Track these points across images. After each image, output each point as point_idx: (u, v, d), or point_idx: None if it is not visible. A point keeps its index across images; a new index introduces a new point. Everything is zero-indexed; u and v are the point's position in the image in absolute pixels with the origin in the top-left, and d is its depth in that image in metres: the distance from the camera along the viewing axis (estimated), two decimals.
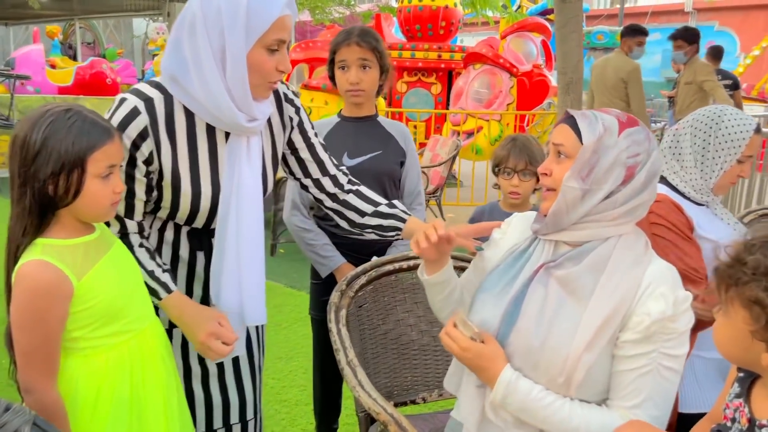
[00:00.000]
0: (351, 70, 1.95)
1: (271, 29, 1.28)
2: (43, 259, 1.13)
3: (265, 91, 1.38)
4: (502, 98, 6.83)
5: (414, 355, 1.77)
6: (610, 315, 1.14)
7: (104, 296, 1.19)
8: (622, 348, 1.15)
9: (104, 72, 10.00)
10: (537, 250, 1.27)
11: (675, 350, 1.14)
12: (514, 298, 1.22)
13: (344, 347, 1.49)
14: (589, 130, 1.19)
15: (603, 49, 12.25)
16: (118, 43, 19.16)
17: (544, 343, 1.17)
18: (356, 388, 1.40)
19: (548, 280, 1.21)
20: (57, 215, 1.17)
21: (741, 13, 15.99)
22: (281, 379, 2.94)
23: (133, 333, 1.26)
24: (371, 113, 2.07)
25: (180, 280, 1.49)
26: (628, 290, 1.16)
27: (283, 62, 1.35)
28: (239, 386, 1.59)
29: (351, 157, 2.00)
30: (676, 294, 1.15)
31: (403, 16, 7.51)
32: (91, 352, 1.21)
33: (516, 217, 1.43)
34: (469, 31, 15.88)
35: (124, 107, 1.30)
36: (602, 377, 1.17)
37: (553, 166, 1.24)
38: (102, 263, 1.21)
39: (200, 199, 1.40)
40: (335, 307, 1.58)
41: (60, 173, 1.11)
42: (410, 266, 1.77)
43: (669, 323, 1.13)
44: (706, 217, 1.69)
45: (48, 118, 1.12)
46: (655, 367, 1.13)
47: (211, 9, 1.27)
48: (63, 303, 1.14)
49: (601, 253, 1.20)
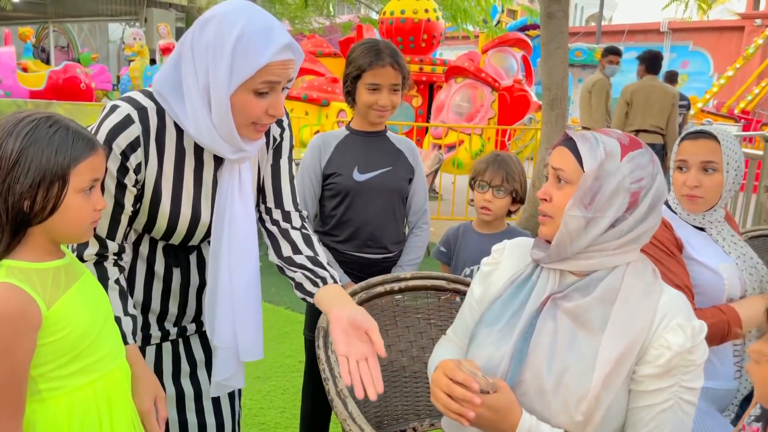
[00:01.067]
0: (383, 93, 1.89)
1: (258, 74, 1.16)
2: (9, 281, 1.00)
3: (252, 133, 1.26)
4: (484, 112, 6.83)
5: (405, 383, 1.68)
6: (627, 349, 1.08)
7: (73, 328, 1.06)
8: (641, 383, 1.09)
9: (78, 77, 9.77)
10: (541, 279, 1.20)
11: (693, 383, 1.10)
12: (522, 333, 1.15)
13: (333, 376, 1.39)
14: (590, 155, 1.13)
15: (581, 65, 12.41)
16: (93, 47, 18.87)
17: (559, 383, 1.10)
18: (347, 420, 1.30)
19: (557, 313, 1.15)
20: (28, 234, 1.03)
21: (715, 34, 16.39)
22: (259, 400, 2.82)
23: (99, 374, 1.12)
24: (381, 128, 2.02)
25: (155, 296, 1.40)
26: (642, 322, 1.10)
27: (275, 106, 1.23)
28: (216, 410, 1.51)
29: (361, 172, 1.94)
30: (692, 325, 1.10)
31: (385, 28, 7.48)
32: (48, 396, 1.06)
33: (508, 245, 1.36)
34: (449, 44, 16.00)
35: (116, 114, 1.21)
36: (619, 414, 1.11)
37: (552, 191, 1.18)
38: (72, 292, 1.08)
39: (178, 220, 1.32)
40: (324, 332, 1.48)
41: (39, 186, 0.99)
42: (401, 288, 1.69)
43: (688, 356, 1.08)
44: (702, 242, 1.68)
45: (27, 126, 1.00)
46: (675, 401, 1.08)
47: (201, 43, 1.18)
48: (31, 332, 1.00)
49: (611, 284, 1.14)
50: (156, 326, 1.42)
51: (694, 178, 1.62)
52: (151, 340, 1.42)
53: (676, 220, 1.68)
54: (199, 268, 1.45)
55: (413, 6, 7.29)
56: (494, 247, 1.36)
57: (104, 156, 1.09)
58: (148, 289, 1.39)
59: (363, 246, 1.97)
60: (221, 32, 1.15)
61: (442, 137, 6.56)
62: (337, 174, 1.93)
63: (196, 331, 1.49)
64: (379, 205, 1.96)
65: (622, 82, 18.78)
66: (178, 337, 1.46)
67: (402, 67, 1.90)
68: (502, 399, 1.07)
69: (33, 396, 1.05)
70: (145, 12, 14.52)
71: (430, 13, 7.34)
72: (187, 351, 1.48)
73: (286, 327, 3.65)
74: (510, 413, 1.08)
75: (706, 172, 1.62)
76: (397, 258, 2.06)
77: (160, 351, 1.43)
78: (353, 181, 1.92)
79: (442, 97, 7.04)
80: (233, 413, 1.56)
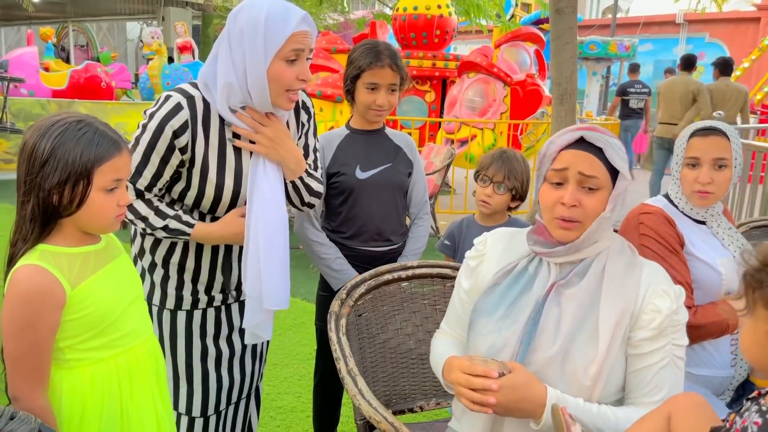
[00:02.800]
0: (380, 93, 1.98)
1: (286, 43, 1.45)
2: (39, 264, 1.12)
3: (286, 102, 1.54)
4: (496, 107, 6.87)
5: (412, 364, 1.79)
6: (620, 316, 1.20)
7: (96, 307, 1.18)
8: (638, 347, 1.21)
9: (99, 76, 9.95)
10: (542, 270, 1.30)
11: (682, 340, 1.23)
12: (531, 318, 1.24)
13: (344, 356, 1.51)
14: (618, 159, 1.23)
15: (595, 58, 12.36)
16: (111, 46, 19.12)
17: (566, 356, 1.20)
18: (357, 396, 1.41)
19: (560, 299, 1.25)
20: (59, 224, 1.16)
21: (731, 25, 16.20)
22: (276, 385, 2.95)
23: (122, 349, 1.24)
24: (380, 126, 2.11)
25: (204, 266, 1.64)
26: (630, 291, 1.22)
27: (303, 72, 1.51)
28: (242, 369, 1.76)
29: (363, 170, 2.03)
30: (674, 289, 1.24)
31: (398, 24, 7.53)
32: (75, 365, 1.19)
33: (489, 237, 1.44)
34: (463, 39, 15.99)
35: (169, 102, 1.49)
36: (618, 378, 1.22)
37: (581, 196, 1.22)
38: (100, 274, 1.20)
39: (223, 189, 1.56)
40: (335, 316, 1.60)
41: (66, 183, 1.11)
42: (408, 276, 1.80)
43: (675, 316, 1.21)
44: (702, 237, 1.73)
45: (59, 128, 1.12)
46: (671, 358, 1.20)
47: (235, 31, 1.46)
48: (54, 310, 1.12)
49: (599, 263, 1.26)
50: (203, 294, 1.65)
51: (706, 174, 1.66)
52: (198, 305, 1.65)
53: (678, 215, 1.73)
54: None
55: (426, 2, 7.33)
56: (476, 240, 1.45)
57: (129, 156, 1.21)
58: (198, 260, 1.63)
59: (369, 240, 2.06)
60: (251, 17, 1.44)
61: (455, 132, 6.62)
62: (340, 173, 2.01)
63: (236, 299, 1.72)
64: (382, 201, 2.04)
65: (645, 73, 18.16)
66: (222, 304, 1.69)
67: (400, 68, 1.98)
68: (518, 377, 1.15)
69: (61, 364, 1.18)
70: (163, 11, 14.69)
71: (442, 8, 7.37)
72: (228, 316, 1.71)
73: (303, 317, 3.77)
74: (531, 389, 1.15)
75: (718, 169, 1.66)
76: (402, 249, 2.15)
77: (206, 315, 1.67)
78: (356, 179, 2.01)
79: (454, 92, 7.09)
80: (253, 374, 1.81)
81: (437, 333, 1.53)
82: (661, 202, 1.77)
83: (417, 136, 7.18)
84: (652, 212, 1.71)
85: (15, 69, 8.91)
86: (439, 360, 1.36)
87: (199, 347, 1.67)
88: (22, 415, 1.08)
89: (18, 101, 7.96)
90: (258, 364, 1.82)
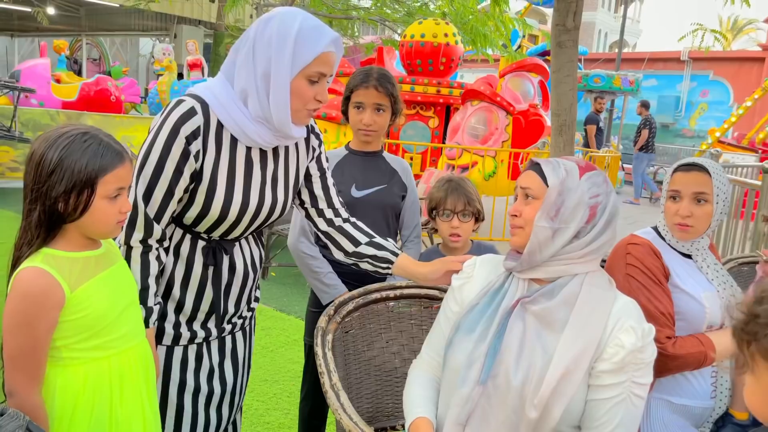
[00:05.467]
0: (366, 112, 2.05)
1: (313, 62, 1.42)
2: (41, 266, 1.18)
3: (304, 118, 1.51)
4: (498, 135, 6.96)
5: (396, 382, 1.82)
6: (585, 346, 1.23)
7: (93, 310, 1.24)
8: (598, 378, 1.24)
9: (109, 89, 10.10)
10: (512, 286, 1.36)
11: (643, 379, 1.24)
12: (496, 333, 1.30)
13: (329, 371, 1.54)
14: (553, 174, 1.32)
15: (599, 91, 12.50)
16: (123, 60, 19.39)
17: (525, 378, 1.24)
18: (338, 410, 1.44)
19: (525, 315, 1.29)
20: (63, 229, 1.22)
21: (735, 64, 16.35)
22: (265, 401, 2.97)
23: (115, 350, 1.29)
24: (377, 149, 2.18)
25: (189, 295, 1.57)
26: (598, 323, 1.25)
27: (322, 93, 1.49)
28: (218, 409, 1.68)
29: (358, 189, 2.09)
30: (642, 327, 1.26)
31: (405, 51, 7.66)
32: (70, 363, 1.24)
33: (478, 261, 1.51)
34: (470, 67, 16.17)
35: (182, 107, 1.42)
36: (579, 407, 1.25)
37: (522, 207, 1.36)
38: (98, 278, 1.26)
39: (230, 206, 1.50)
40: (322, 332, 1.63)
41: (71, 192, 1.17)
42: (396, 296, 1.83)
43: (638, 354, 1.22)
44: (688, 270, 1.76)
45: (66, 139, 1.19)
46: (627, 395, 1.22)
47: (264, 36, 1.42)
48: (53, 310, 1.18)
49: (572, 289, 1.30)
50: (186, 327, 1.59)
51: (686, 208, 1.71)
52: (180, 341, 1.59)
53: (665, 247, 1.76)
54: (230, 270, 1.62)
55: (433, 30, 7.47)
56: (465, 264, 1.52)
57: (131, 167, 1.28)
58: (184, 288, 1.56)
59: None
60: (283, 27, 1.41)
61: (456, 158, 6.70)
62: (336, 191, 2.07)
63: (216, 336, 1.65)
64: (375, 220, 2.08)
65: None
66: (203, 340, 1.63)
67: (386, 89, 2.04)
68: None
69: (57, 361, 1.23)
70: (176, 28, 14.94)
71: (449, 37, 7.50)
72: (208, 353, 1.65)
73: (296, 335, 3.79)
74: None
75: (697, 203, 1.71)
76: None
77: (187, 352, 1.61)
78: (351, 197, 2.07)
79: (457, 118, 7.18)
80: (230, 414, 1.73)
81: (416, 361, 1.56)
82: (650, 235, 1.81)
83: (419, 160, 7.26)
84: (640, 243, 1.75)
85: (27, 79, 9.06)
86: (410, 407, 1.43)
87: (177, 381, 1.61)
88: (11, 412, 1.12)
89: (27, 111, 8.08)
90: (237, 399, 1.76)
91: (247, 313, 1.74)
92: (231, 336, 1.69)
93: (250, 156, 1.54)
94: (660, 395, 1.70)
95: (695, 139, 16.19)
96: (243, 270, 1.64)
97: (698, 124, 16.80)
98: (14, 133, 7.54)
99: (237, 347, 1.71)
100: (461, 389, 1.30)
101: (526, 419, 1.22)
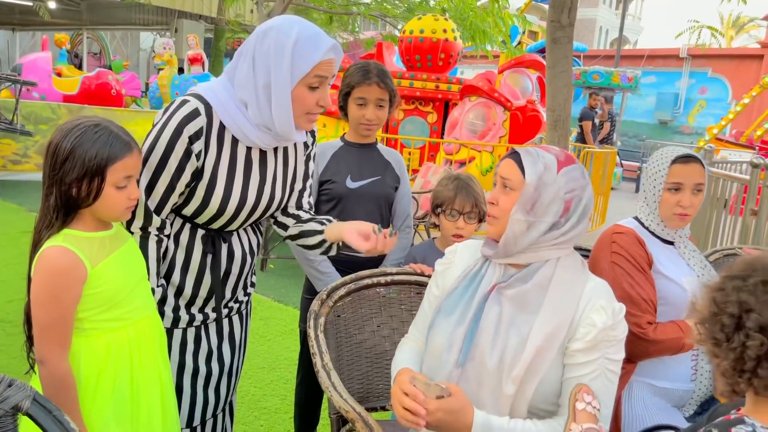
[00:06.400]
0: (368, 108, 2.12)
1: (312, 71, 1.46)
2: (64, 245, 1.29)
3: (306, 123, 1.57)
4: (496, 131, 7.01)
5: (386, 365, 1.89)
6: (558, 326, 1.29)
7: (111, 284, 1.34)
8: (572, 357, 1.29)
9: (110, 83, 10.14)
10: (489, 271, 1.41)
11: (616, 355, 1.30)
12: (472, 317, 1.36)
13: (320, 351, 1.61)
14: (531, 168, 1.35)
15: (598, 88, 12.54)
16: (124, 55, 19.42)
17: (500, 359, 1.30)
18: (329, 389, 1.52)
19: (501, 299, 1.36)
20: (79, 213, 1.33)
21: (734, 61, 16.39)
22: (262, 387, 3.04)
23: (131, 321, 1.40)
24: (372, 141, 2.25)
25: (189, 281, 1.64)
26: (570, 303, 1.31)
27: (324, 98, 1.53)
28: (216, 388, 1.76)
29: (354, 180, 2.16)
30: (613, 306, 1.31)
31: (404, 46, 7.70)
32: (92, 333, 1.35)
33: (459, 247, 1.56)
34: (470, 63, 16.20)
35: (186, 107, 1.48)
36: (553, 385, 1.30)
37: (500, 196, 1.41)
38: (114, 256, 1.37)
39: (228, 202, 1.57)
40: (315, 315, 1.71)
41: (83, 179, 1.27)
42: (387, 281, 1.90)
43: (610, 332, 1.28)
44: (669, 256, 1.82)
45: (78, 130, 1.28)
46: (602, 371, 1.28)
47: (262, 49, 1.46)
48: (78, 284, 1.29)
49: (545, 273, 1.35)
50: (185, 311, 1.67)
51: (689, 198, 1.77)
52: (179, 324, 1.66)
53: (648, 236, 1.82)
54: (228, 257, 1.69)
55: (432, 26, 7.50)
56: (447, 249, 1.58)
57: (139, 156, 1.37)
58: (184, 274, 1.63)
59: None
60: (280, 39, 1.44)
61: (454, 153, 6.75)
62: (331, 181, 2.15)
63: (214, 319, 1.72)
64: (369, 210, 2.16)
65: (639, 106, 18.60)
66: (201, 323, 1.70)
67: (387, 85, 2.11)
68: (455, 401, 1.21)
69: (80, 333, 1.34)
70: (176, 23, 14.97)
71: (448, 33, 7.54)
72: (206, 336, 1.72)
73: (293, 324, 3.87)
74: (463, 413, 1.21)
75: (695, 193, 1.78)
76: (384, 257, 2.25)
77: (186, 334, 1.68)
78: (346, 188, 2.14)
79: (456, 114, 7.23)
80: (228, 392, 1.80)
81: (404, 339, 1.63)
82: (633, 224, 1.87)
83: (417, 155, 7.32)
84: (625, 232, 1.82)
85: (28, 73, 9.09)
86: (396, 366, 1.49)
87: (176, 362, 1.66)
88: (18, 383, 1.19)
89: (29, 104, 8.12)
90: (234, 380, 1.82)
91: (243, 297, 1.81)
92: (228, 319, 1.77)
93: (250, 155, 1.60)
94: (642, 378, 1.76)
95: (693, 136, 16.23)
96: (241, 257, 1.71)
97: (697, 121, 16.84)
98: (16, 126, 7.59)
99: (234, 330, 1.79)
100: (442, 371, 1.36)
101: (503, 397, 1.28)
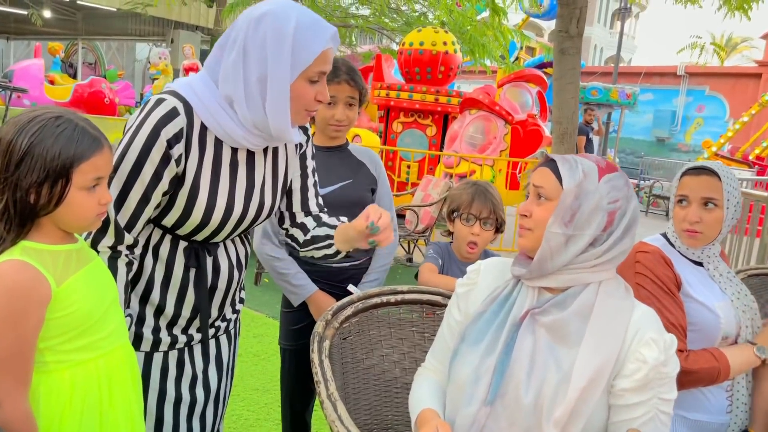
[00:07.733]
0: (338, 108, 1.96)
1: (314, 62, 1.29)
2: (22, 259, 1.06)
3: (303, 119, 1.40)
4: (496, 144, 6.91)
5: (396, 393, 1.73)
6: (603, 363, 1.13)
7: (81, 306, 1.13)
8: (621, 397, 1.14)
9: (103, 91, 10.01)
10: (521, 295, 1.25)
11: (669, 395, 1.15)
12: (504, 346, 1.20)
13: (326, 380, 1.44)
14: (569, 174, 1.20)
15: (596, 104, 12.50)
16: (119, 65, 19.32)
17: (537, 395, 1.14)
18: (336, 422, 1.35)
19: (535, 327, 1.20)
20: (37, 222, 1.10)
21: (731, 80, 16.47)
22: (256, 411, 2.85)
23: (102, 351, 1.18)
24: (342, 142, 2.08)
25: (170, 299, 1.45)
26: (617, 336, 1.16)
27: (322, 93, 1.37)
28: (201, 418, 1.57)
29: (321, 186, 1.97)
30: (663, 338, 1.16)
31: (403, 59, 7.61)
32: (54, 368, 1.12)
33: (483, 265, 1.41)
34: (467, 78, 16.20)
35: (163, 106, 1.28)
36: (599, 428, 1.15)
37: (533, 207, 1.25)
38: (82, 273, 1.15)
39: (213, 212, 1.38)
40: (319, 338, 1.54)
41: (44, 182, 1.05)
42: (397, 301, 1.74)
43: (662, 368, 1.13)
44: (699, 278, 1.69)
45: (37, 124, 1.06)
46: (655, 413, 1.13)
47: (257, 37, 1.27)
48: (40, 307, 1.07)
49: (586, 299, 1.19)
50: (166, 332, 1.47)
51: (694, 213, 1.63)
52: (159, 347, 1.47)
53: (676, 255, 1.69)
54: (213, 271, 1.50)
55: (432, 38, 7.43)
56: (469, 268, 1.41)
57: (110, 154, 1.15)
58: (164, 291, 1.44)
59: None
60: (278, 25, 1.26)
61: (454, 166, 6.63)
62: None
63: (199, 341, 1.54)
64: None
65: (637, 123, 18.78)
66: (185, 346, 1.51)
67: (357, 83, 1.96)
68: None
69: (39, 367, 1.11)
70: (172, 33, 14.89)
71: (448, 45, 7.46)
72: (191, 359, 1.53)
73: None
74: None
75: (706, 207, 1.64)
76: (366, 265, 2.10)
77: (167, 358, 1.49)
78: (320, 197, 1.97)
79: (455, 127, 7.13)
80: (214, 423, 1.61)
81: (421, 368, 1.48)
82: (659, 242, 1.73)
83: (417, 168, 7.20)
84: (649, 251, 1.68)
85: (20, 80, 8.96)
86: (416, 405, 1.33)
87: (156, 390, 1.48)
88: None
89: (19, 111, 7.97)
90: (221, 407, 1.64)
91: (231, 315, 1.62)
92: (215, 340, 1.58)
93: (236, 158, 1.41)
94: (674, 411, 1.61)
95: (691, 154, 16.27)
96: (228, 271, 1.52)
97: (694, 139, 16.88)
98: None
99: (222, 351, 1.60)
100: (467, 408, 1.20)
101: None
